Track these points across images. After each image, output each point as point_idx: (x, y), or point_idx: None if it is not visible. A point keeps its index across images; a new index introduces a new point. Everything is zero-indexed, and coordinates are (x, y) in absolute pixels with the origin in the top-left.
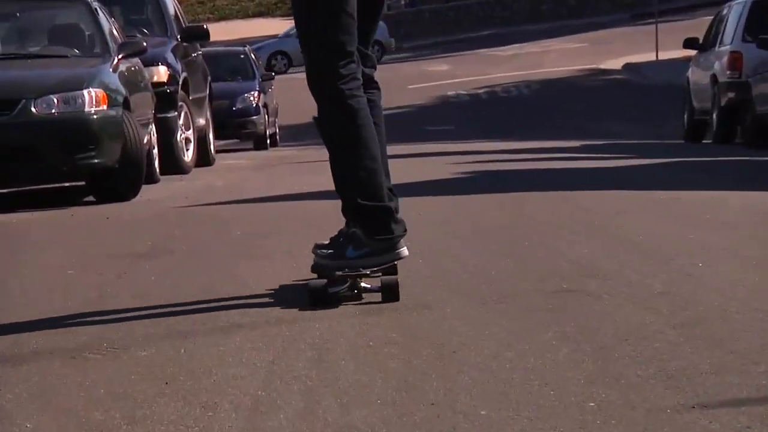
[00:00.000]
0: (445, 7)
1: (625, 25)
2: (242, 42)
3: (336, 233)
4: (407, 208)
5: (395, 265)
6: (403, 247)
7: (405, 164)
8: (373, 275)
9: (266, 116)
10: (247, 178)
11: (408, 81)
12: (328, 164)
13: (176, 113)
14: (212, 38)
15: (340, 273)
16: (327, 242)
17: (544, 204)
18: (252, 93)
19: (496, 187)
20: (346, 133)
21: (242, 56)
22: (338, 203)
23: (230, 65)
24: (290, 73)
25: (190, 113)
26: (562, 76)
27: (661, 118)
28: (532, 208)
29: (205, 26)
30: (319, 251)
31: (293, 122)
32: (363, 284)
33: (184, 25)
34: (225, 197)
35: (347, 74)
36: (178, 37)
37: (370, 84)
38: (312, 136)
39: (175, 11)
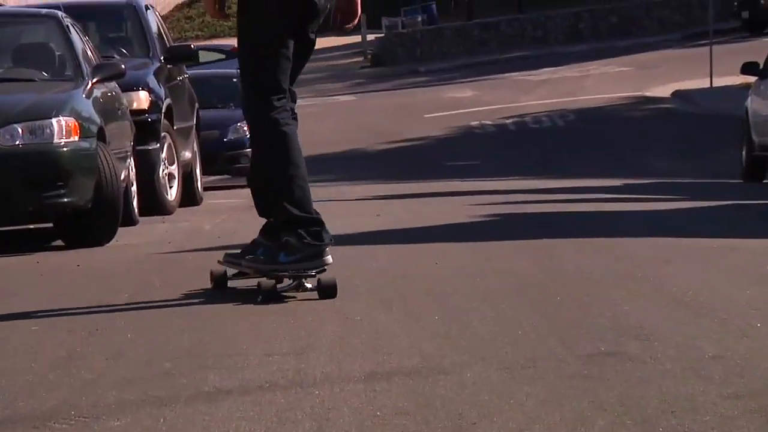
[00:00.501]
0: (469, 25)
1: (676, 47)
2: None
3: (250, 243)
4: (421, 254)
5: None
6: (328, 255)
7: (420, 205)
8: (311, 276)
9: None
10: (239, 221)
11: (425, 109)
12: (334, 205)
13: (158, 145)
14: (201, 59)
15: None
16: (239, 251)
17: (579, 253)
18: (243, 123)
19: (524, 233)
20: (281, 155)
21: (235, 80)
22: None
23: (221, 90)
24: None
25: (175, 145)
26: (602, 105)
27: (716, 154)
28: (564, 258)
29: (192, 45)
30: (247, 257)
31: None
32: (307, 284)
33: (168, 45)
34: (214, 243)
35: (280, 106)
36: (162, 58)
37: (291, 115)
38: (314, 172)
39: (159, 28)
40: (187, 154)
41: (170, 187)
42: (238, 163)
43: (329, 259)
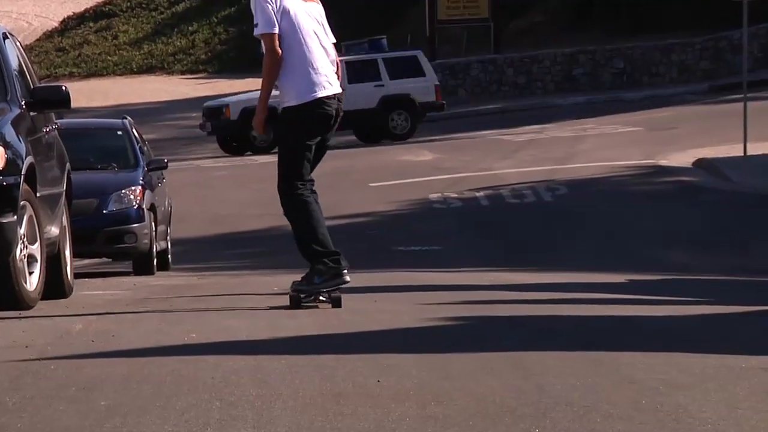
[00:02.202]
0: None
1: (700, 102)
2: (121, 110)
3: (304, 275)
4: (359, 369)
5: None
6: (347, 275)
7: (361, 302)
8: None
9: (153, 224)
10: (121, 321)
11: (370, 176)
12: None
13: (15, 218)
14: (75, 104)
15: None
16: (300, 279)
17: (566, 371)
18: (132, 189)
19: (493, 342)
20: (306, 215)
21: (119, 132)
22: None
23: (101, 146)
24: (194, 158)
25: (38, 218)
26: (602, 175)
27: (750, 244)
28: (546, 377)
29: (64, 87)
30: (297, 284)
31: (194, 234)
32: (321, 298)
33: (32, 86)
34: (87, 349)
35: (302, 187)
36: (23, 102)
37: (313, 190)
38: (225, 257)
39: (21, 64)
40: (54, 230)
41: (30, 273)
42: (122, 242)
43: (347, 278)
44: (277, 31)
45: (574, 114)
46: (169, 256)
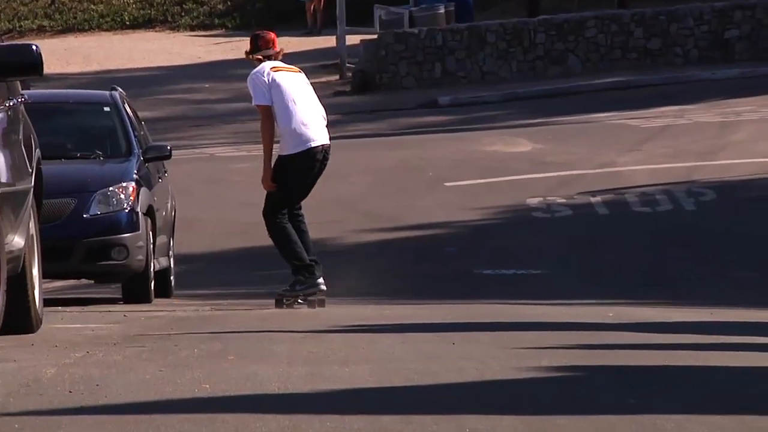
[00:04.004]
0: (531, 25)
1: None
2: (108, 78)
3: (290, 283)
4: None
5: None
6: (322, 284)
7: (433, 343)
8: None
9: (150, 234)
10: (107, 365)
11: (447, 172)
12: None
13: None
14: (48, 69)
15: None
16: (286, 287)
17: None
18: (123, 186)
19: (616, 402)
20: (287, 238)
21: (106, 108)
22: None
23: (82, 127)
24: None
25: None
26: (764, 176)
27: None
28: None
29: (34, 47)
30: (283, 290)
31: (205, 248)
32: (299, 300)
33: None
34: (62, 402)
35: (282, 216)
36: None
37: (298, 213)
38: (239, 281)
39: None
40: (17, 241)
41: None
42: (108, 258)
43: (323, 286)
44: (270, 103)
45: (725, 92)
46: (172, 277)
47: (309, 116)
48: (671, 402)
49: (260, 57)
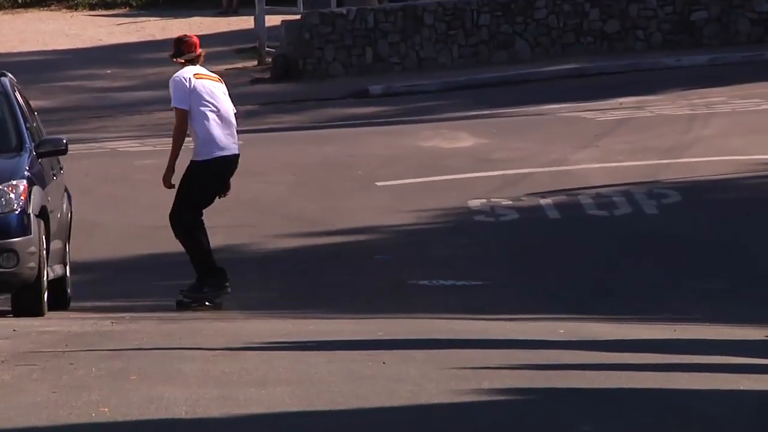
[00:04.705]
0: (474, 3)
1: None
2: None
3: (191, 284)
4: None
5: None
6: (228, 287)
7: (362, 363)
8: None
9: (43, 239)
10: None
11: (378, 170)
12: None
13: None
14: None
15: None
16: (186, 288)
17: None
18: (12, 184)
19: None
20: (197, 238)
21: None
22: None
23: None
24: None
25: None
26: (735, 176)
27: None
28: None
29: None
30: (185, 291)
31: (106, 254)
32: (206, 303)
33: None
34: None
35: (192, 217)
36: None
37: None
38: (144, 292)
39: None
40: None
41: None
42: None
43: (228, 289)
44: (187, 108)
45: (691, 81)
46: (69, 287)
47: (225, 126)
48: (630, 430)
49: (183, 61)
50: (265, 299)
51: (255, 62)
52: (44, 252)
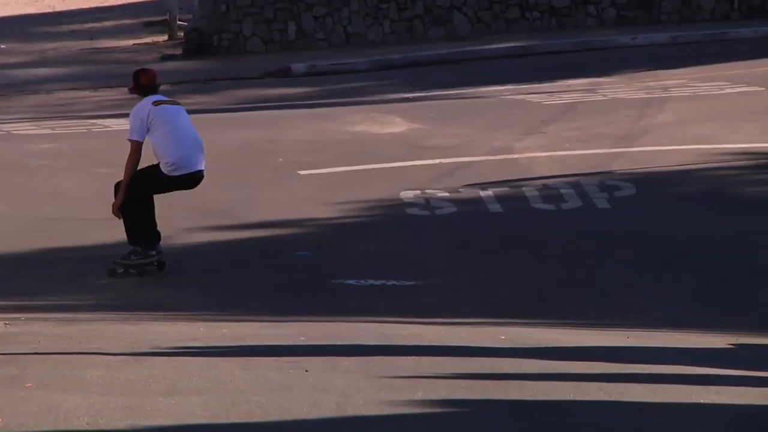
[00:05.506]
0: None
1: None
2: None
3: (125, 254)
4: None
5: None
6: (155, 255)
7: (284, 372)
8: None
9: None
10: None
11: (301, 157)
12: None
13: None
14: None
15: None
16: (121, 258)
17: None
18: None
19: None
20: (139, 213)
21: None
22: None
23: None
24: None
25: None
26: (694, 166)
27: None
28: None
29: None
30: (118, 260)
31: (0, 249)
32: (131, 270)
33: None
34: None
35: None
36: None
37: None
38: (42, 290)
39: None
40: None
41: None
42: None
43: (155, 256)
44: (143, 140)
45: (648, 61)
46: None
47: (192, 145)
48: None
49: (141, 94)
50: (174, 299)
51: (165, 37)
52: None
